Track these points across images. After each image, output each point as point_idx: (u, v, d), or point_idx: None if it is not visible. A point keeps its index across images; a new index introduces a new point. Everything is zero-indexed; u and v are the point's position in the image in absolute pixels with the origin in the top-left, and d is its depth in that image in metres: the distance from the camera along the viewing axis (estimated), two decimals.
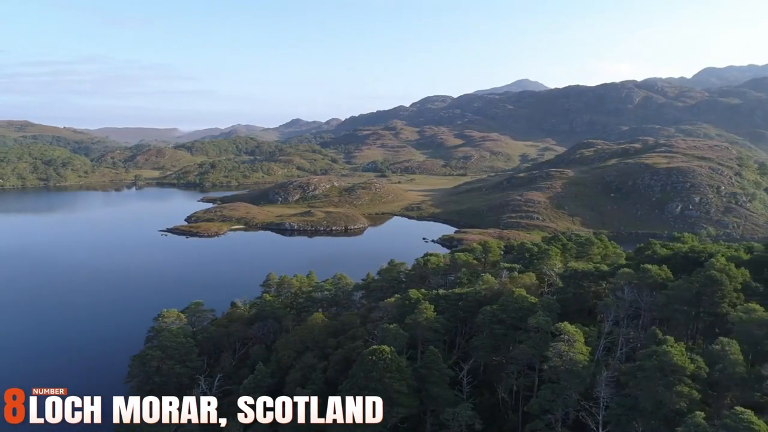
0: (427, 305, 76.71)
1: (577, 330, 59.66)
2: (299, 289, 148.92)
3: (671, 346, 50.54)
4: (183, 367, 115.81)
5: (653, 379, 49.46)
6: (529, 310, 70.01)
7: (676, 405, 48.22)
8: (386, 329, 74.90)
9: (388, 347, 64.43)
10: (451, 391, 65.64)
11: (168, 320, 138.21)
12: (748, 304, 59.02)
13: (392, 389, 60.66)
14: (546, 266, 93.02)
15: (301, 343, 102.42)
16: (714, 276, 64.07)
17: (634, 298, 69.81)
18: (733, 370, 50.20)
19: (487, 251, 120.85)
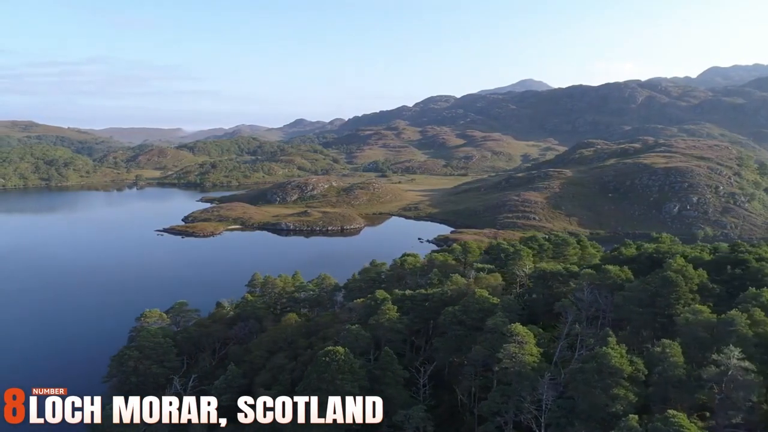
0: (390, 306, 76.29)
1: (527, 331, 59.12)
2: (283, 290, 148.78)
3: (611, 348, 49.94)
4: (160, 367, 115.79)
5: (591, 381, 48.94)
6: (490, 311, 69.51)
7: (612, 408, 47.69)
8: (348, 330, 74.55)
9: (342, 348, 64.12)
10: (406, 393, 65.26)
11: (150, 320, 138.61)
12: (694, 306, 58.36)
13: (344, 390, 60.28)
14: (516, 267, 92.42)
15: (274, 344, 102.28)
16: (669, 277, 63.38)
17: (595, 299, 69.15)
18: (673, 373, 49.58)
19: (466, 251, 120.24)
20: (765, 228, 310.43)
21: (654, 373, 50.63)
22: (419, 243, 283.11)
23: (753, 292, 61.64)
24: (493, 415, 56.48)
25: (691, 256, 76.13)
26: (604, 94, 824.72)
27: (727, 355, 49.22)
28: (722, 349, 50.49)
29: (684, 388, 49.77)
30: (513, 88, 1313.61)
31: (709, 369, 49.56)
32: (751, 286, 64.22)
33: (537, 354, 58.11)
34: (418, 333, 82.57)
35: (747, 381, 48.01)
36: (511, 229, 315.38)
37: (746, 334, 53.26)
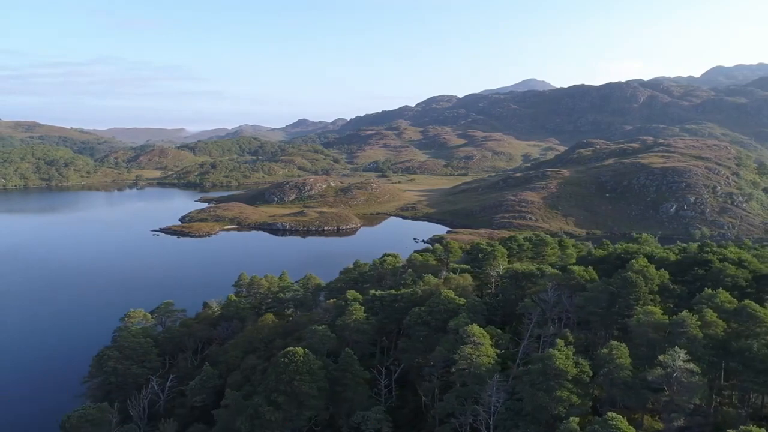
0: (356, 306, 75.86)
1: (483, 333, 58.61)
2: (268, 290, 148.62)
3: (558, 350, 49.42)
4: (140, 368, 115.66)
5: (536, 383, 48.44)
6: (455, 312, 69.00)
7: (555, 410, 47.17)
8: (313, 331, 74.13)
9: (301, 349, 63.78)
10: (366, 394, 64.81)
11: (134, 320, 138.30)
12: (646, 307, 57.76)
13: (301, 391, 59.95)
14: (489, 267, 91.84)
15: (250, 344, 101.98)
16: (629, 278, 62.79)
17: (559, 300, 68.58)
18: (618, 374, 49.03)
19: (448, 252, 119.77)
20: (763, 228, 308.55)
21: (600, 374, 50.12)
22: (414, 243, 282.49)
23: (708, 293, 60.99)
24: (449, 416, 56.02)
25: (658, 257, 75.43)
26: (605, 93, 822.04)
27: (673, 357, 48.70)
28: (668, 351, 49.97)
29: (630, 389, 49.25)
30: (516, 87, 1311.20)
31: (654, 371, 49.05)
32: (712, 286, 63.51)
33: (493, 355, 57.59)
34: (389, 334, 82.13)
35: (690, 383, 47.48)
36: (507, 229, 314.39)
37: (696, 336, 52.66)
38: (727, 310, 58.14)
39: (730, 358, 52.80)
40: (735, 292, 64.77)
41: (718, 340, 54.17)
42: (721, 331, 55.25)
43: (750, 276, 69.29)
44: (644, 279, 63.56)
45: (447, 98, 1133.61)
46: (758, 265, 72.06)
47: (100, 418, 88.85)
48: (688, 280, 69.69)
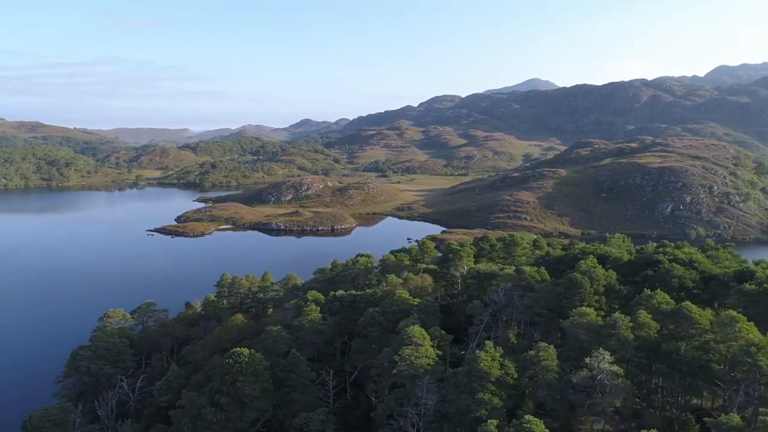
0: (312, 307, 75.50)
1: (424, 334, 58.10)
2: (249, 290, 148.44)
3: (485, 352, 48.89)
4: (113, 368, 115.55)
5: (460, 385, 47.91)
6: (407, 313, 68.52)
7: (477, 413, 46.63)
8: (268, 331, 73.76)
9: (247, 350, 63.43)
10: (315, 395, 64.39)
11: (113, 320, 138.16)
12: (581, 308, 57.13)
13: (244, 392, 59.61)
14: (454, 267, 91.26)
15: (218, 344, 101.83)
16: (575, 278, 62.16)
17: (510, 301, 67.96)
18: (544, 376, 48.43)
19: (423, 252, 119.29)
20: (759, 228, 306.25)
21: (525, 376, 49.55)
22: (407, 243, 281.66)
23: (647, 294, 60.30)
24: (388, 418, 55.55)
25: (613, 258, 74.73)
26: (608, 93, 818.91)
27: (598, 359, 48.06)
28: (593, 353, 49.35)
29: (555, 391, 48.65)
30: (519, 87, 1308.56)
31: (580, 373, 48.43)
32: (660, 287, 62.77)
33: (434, 357, 57.08)
34: (350, 335, 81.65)
35: (613, 386, 46.84)
36: (501, 229, 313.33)
37: (627, 337, 52.01)
38: (664, 311, 57.48)
39: (659, 361, 52.12)
40: (682, 293, 64.09)
41: (650, 341, 53.54)
42: (654, 332, 54.62)
43: (698, 277, 68.58)
44: (590, 280, 62.92)
45: (450, 98, 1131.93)
46: (709, 266, 71.27)
47: (62, 418, 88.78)
48: (637, 281, 68.99)
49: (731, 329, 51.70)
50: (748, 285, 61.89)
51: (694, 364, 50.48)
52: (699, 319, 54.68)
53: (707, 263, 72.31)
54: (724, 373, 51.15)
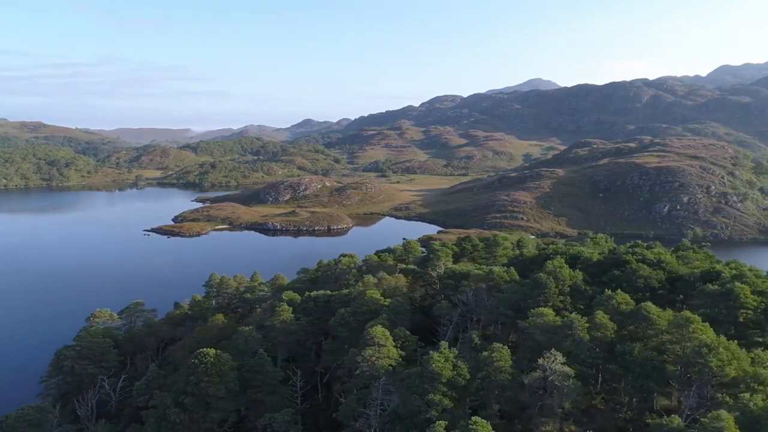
0: (284, 307, 75.36)
1: (386, 334, 57.85)
2: (236, 290, 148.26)
3: (440, 353, 48.65)
4: (96, 368, 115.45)
5: (412, 386, 47.69)
6: (377, 313, 68.32)
7: (427, 414, 46.39)
8: (239, 332, 73.66)
9: (213, 350, 63.30)
10: (279, 396, 64.18)
11: (99, 320, 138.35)
12: (539, 309, 56.82)
13: (207, 393, 59.47)
14: (432, 267, 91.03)
15: (198, 345, 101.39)
16: (540, 279, 61.84)
17: (479, 301, 67.68)
18: (496, 377, 48.16)
19: (408, 252, 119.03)
20: (757, 228, 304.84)
21: (477, 377, 49.28)
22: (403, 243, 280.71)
23: (608, 295, 59.97)
24: (349, 419, 55.33)
25: (583, 257, 74.38)
26: (609, 93, 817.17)
27: (549, 360, 47.77)
28: (545, 354, 49.06)
29: (507, 393, 48.37)
30: (521, 87, 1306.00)
31: (533, 374, 48.16)
32: (626, 287, 62.45)
33: (396, 357, 56.84)
34: (325, 335, 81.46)
35: (563, 386, 46.54)
36: (497, 230, 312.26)
37: (582, 338, 51.69)
38: (623, 312, 57.15)
39: (613, 361, 51.78)
40: (647, 293, 63.74)
41: (606, 342, 53.24)
42: (611, 333, 54.30)
43: (664, 277, 68.20)
44: (555, 280, 62.59)
45: (451, 98, 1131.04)
46: (676, 266, 70.84)
47: (38, 418, 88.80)
48: (604, 281, 68.62)
49: (686, 330, 51.40)
50: (711, 285, 61.50)
51: (647, 365, 50.17)
52: (657, 320, 54.34)
53: (674, 264, 71.90)
54: (678, 374, 50.82)
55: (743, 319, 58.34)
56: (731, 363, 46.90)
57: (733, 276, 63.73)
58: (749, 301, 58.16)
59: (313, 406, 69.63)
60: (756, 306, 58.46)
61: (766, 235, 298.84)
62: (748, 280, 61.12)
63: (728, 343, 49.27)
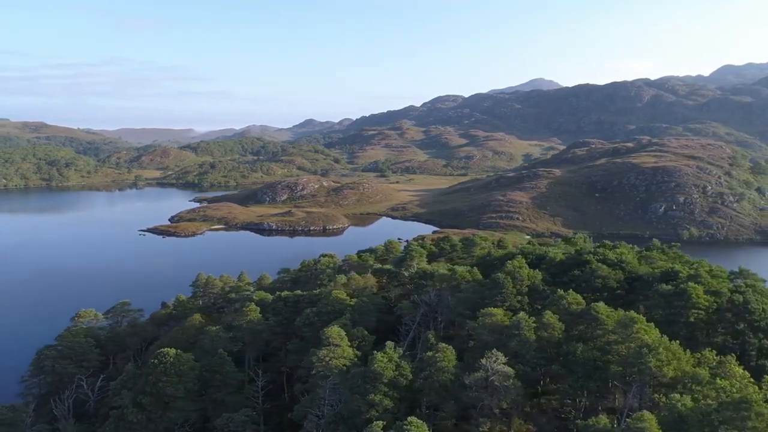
0: (252, 307, 75.45)
1: (341, 334, 57.82)
2: (222, 290, 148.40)
3: (383, 353, 48.56)
4: (77, 367, 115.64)
5: (354, 387, 47.63)
6: (341, 313, 68.29)
7: (367, 414, 46.34)
8: (206, 332, 73.74)
9: (173, 350, 63.38)
10: (239, 396, 64.21)
11: (84, 320, 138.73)
12: (489, 309, 56.72)
13: (165, 392, 59.52)
14: (405, 267, 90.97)
15: (174, 344, 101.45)
16: (498, 279, 61.72)
17: (441, 301, 67.56)
18: (438, 378, 48.06)
19: (389, 252, 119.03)
20: (753, 228, 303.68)
21: (419, 378, 49.19)
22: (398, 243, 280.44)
23: (559, 294, 59.82)
24: (303, 419, 55.28)
25: (549, 257, 74.23)
26: (610, 93, 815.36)
27: (491, 360, 47.65)
28: (487, 354, 48.96)
29: (448, 393, 48.28)
30: (524, 87, 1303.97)
31: (475, 374, 48.04)
32: (585, 287, 62.31)
33: (351, 357, 56.78)
34: (294, 335, 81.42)
35: (502, 387, 46.41)
36: (492, 230, 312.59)
37: (528, 338, 51.57)
38: (573, 312, 56.99)
39: (557, 362, 51.62)
40: (605, 293, 63.59)
41: (553, 342, 53.09)
42: (559, 333, 54.16)
43: (623, 277, 68.03)
44: (513, 280, 62.49)
45: (452, 98, 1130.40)
46: (636, 266, 70.63)
47: (12, 418, 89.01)
48: (565, 281, 68.44)
49: (630, 330, 51.22)
50: (664, 285, 61.31)
51: (588, 366, 50.02)
52: (605, 320, 54.18)
53: (635, 264, 71.72)
54: (620, 375, 50.64)
55: (694, 319, 58.15)
56: (670, 363, 46.77)
57: (688, 276, 63.51)
58: (701, 302, 57.94)
59: (279, 405, 69.66)
60: (708, 306, 58.27)
61: (762, 236, 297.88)
62: (702, 280, 60.90)
63: (670, 343, 49.11)
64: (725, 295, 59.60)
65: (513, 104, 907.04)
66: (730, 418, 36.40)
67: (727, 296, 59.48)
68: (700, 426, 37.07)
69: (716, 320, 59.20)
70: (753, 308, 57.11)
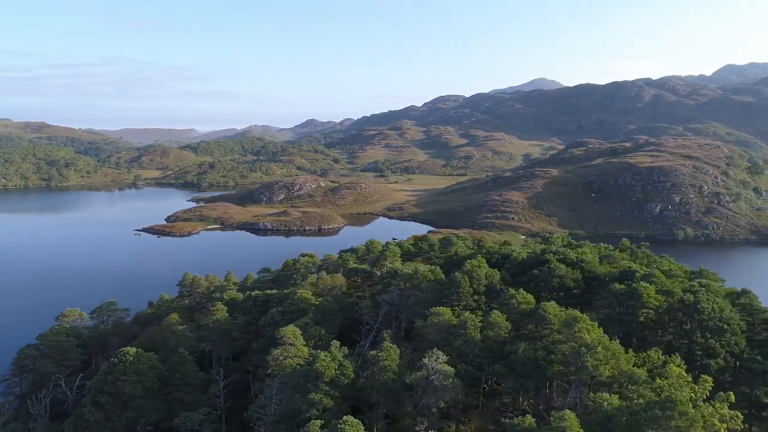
0: (219, 306, 75.57)
1: (296, 333, 57.85)
2: (207, 289, 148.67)
3: (328, 352, 48.56)
4: (57, 366, 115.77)
5: (296, 386, 47.66)
6: (305, 313, 68.33)
7: (307, 413, 46.34)
8: (173, 332, 73.89)
9: (133, 349, 63.51)
10: (202, 395, 64.27)
11: (68, 319, 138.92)
12: (437, 309, 56.68)
13: (123, 391, 59.65)
14: (377, 267, 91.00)
15: (151, 343, 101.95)
16: (455, 278, 61.67)
17: (404, 301, 67.54)
18: (380, 377, 48.03)
19: (369, 251, 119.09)
20: (749, 228, 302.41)
21: (361, 377, 49.17)
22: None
23: (510, 294, 59.74)
24: (257, 420, 55.31)
25: (512, 257, 74.15)
26: (610, 92, 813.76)
27: (432, 359, 47.62)
28: (428, 353, 48.92)
29: (389, 393, 48.24)
30: (526, 87, 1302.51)
31: (417, 373, 48.01)
32: (544, 286, 62.21)
33: (306, 356, 56.71)
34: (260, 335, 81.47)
35: (441, 386, 46.36)
36: (488, 229, 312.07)
37: (473, 338, 51.50)
38: (522, 311, 56.92)
39: (499, 361, 51.56)
40: (561, 293, 63.46)
41: (499, 342, 53.03)
42: (505, 332, 54.08)
43: (581, 277, 67.88)
44: (470, 279, 62.41)
45: (454, 98, 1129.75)
46: (595, 266, 70.49)
47: None
48: (524, 281, 68.38)
49: (573, 329, 51.09)
50: (617, 285, 61.19)
51: (529, 365, 49.95)
52: (552, 320, 54.08)
53: (594, 264, 71.58)
54: (562, 374, 50.51)
55: (644, 318, 58.01)
56: (608, 363, 46.68)
57: (642, 276, 63.36)
58: (651, 301, 57.79)
59: (243, 404, 69.58)
60: (658, 306, 58.10)
61: (758, 236, 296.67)
62: (656, 279, 60.73)
63: (610, 342, 49.01)
64: (677, 294, 59.47)
65: (514, 104, 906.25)
66: (655, 417, 36.33)
67: (679, 296, 59.34)
68: (626, 425, 36.98)
69: (667, 320, 59.12)
70: (702, 308, 56.95)
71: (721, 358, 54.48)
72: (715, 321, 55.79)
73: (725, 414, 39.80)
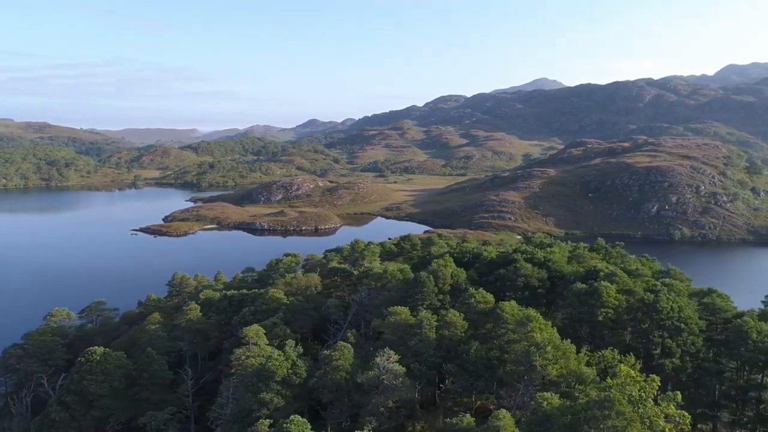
0: (192, 306, 75.67)
1: (259, 333, 57.86)
2: (195, 289, 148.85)
3: (282, 351, 48.55)
4: (42, 366, 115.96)
5: (248, 385, 47.67)
6: (275, 312, 68.33)
7: (258, 412, 46.33)
8: (145, 331, 74.01)
9: (101, 348, 63.60)
10: (171, 394, 64.34)
11: (56, 319, 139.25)
12: (395, 308, 56.65)
13: (89, 391, 59.73)
14: (356, 266, 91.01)
15: (132, 343, 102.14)
16: (420, 277, 61.63)
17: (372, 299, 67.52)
18: (332, 376, 48.00)
19: (354, 251, 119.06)
20: (746, 229, 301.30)
21: (313, 377, 49.15)
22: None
23: (471, 293, 59.65)
24: (217, 420, 55.37)
25: (482, 256, 74.05)
26: (611, 92, 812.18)
27: (384, 358, 47.56)
28: (379, 352, 48.85)
29: (341, 391, 48.22)
30: (527, 87, 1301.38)
31: (368, 373, 47.96)
32: (509, 285, 62.11)
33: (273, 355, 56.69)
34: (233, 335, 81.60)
35: (391, 386, 46.33)
36: (484, 230, 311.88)
37: (428, 337, 51.43)
38: (481, 310, 56.84)
39: (452, 360, 51.47)
40: (526, 292, 63.36)
41: (455, 341, 52.94)
42: (461, 332, 54.00)
43: (546, 276, 67.74)
44: (435, 279, 62.33)
45: (455, 98, 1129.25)
46: (562, 265, 70.34)
47: None
48: (490, 281, 68.30)
49: (526, 329, 51.01)
50: (579, 284, 61.07)
51: (480, 365, 49.87)
52: (509, 319, 53.99)
53: (561, 263, 71.45)
54: (513, 374, 50.42)
55: (603, 318, 57.88)
56: (557, 362, 46.59)
57: (606, 275, 63.23)
58: (611, 300, 57.67)
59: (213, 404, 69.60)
60: (617, 305, 57.96)
61: (755, 236, 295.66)
62: (617, 279, 60.59)
63: (561, 342, 48.90)
64: (638, 294, 59.32)
65: (515, 104, 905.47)
66: (593, 417, 36.25)
67: (640, 295, 59.19)
68: (566, 425, 36.89)
69: (627, 319, 58.98)
70: (661, 307, 56.73)
71: (677, 357, 54.34)
72: (672, 321, 55.59)
73: (673, 414, 39.67)
